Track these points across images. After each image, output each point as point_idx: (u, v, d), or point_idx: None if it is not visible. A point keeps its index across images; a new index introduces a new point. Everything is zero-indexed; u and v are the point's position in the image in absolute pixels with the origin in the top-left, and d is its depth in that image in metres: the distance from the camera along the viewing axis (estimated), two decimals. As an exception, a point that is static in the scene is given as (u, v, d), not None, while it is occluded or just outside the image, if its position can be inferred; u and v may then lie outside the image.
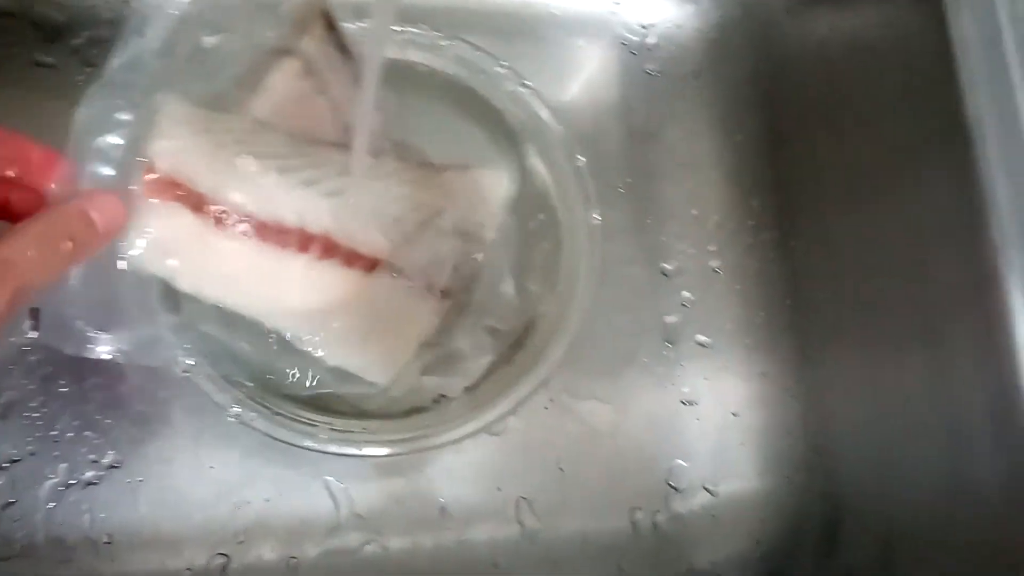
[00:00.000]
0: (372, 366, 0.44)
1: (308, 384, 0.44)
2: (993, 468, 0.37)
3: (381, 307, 0.43)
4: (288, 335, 0.43)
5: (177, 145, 0.39)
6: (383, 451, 0.43)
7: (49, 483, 0.46)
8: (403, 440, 0.43)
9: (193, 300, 0.41)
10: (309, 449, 0.42)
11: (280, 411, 0.42)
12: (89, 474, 0.46)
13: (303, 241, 0.42)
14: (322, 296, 0.42)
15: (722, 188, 0.55)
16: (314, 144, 0.44)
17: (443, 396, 0.46)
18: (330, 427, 0.43)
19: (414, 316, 0.44)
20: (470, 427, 0.45)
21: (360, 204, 0.43)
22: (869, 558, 0.44)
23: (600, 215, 0.47)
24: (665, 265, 0.54)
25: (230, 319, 0.43)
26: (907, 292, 0.43)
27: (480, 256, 0.46)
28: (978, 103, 0.39)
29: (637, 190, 0.54)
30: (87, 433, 0.46)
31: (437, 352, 0.46)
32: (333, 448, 0.42)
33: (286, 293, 0.42)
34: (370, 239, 0.43)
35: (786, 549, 0.50)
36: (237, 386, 0.43)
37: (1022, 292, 0.37)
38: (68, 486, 0.46)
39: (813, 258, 0.51)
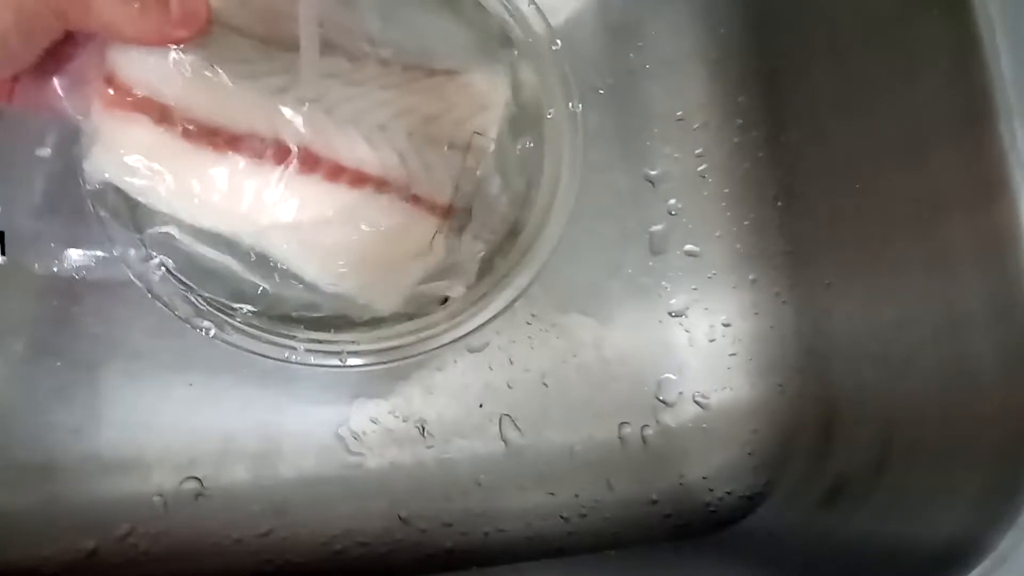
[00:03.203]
0: (371, 291, 0.41)
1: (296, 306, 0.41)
2: (994, 362, 0.35)
3: (376, 226, 0.40)
4: (274, 255, 0.39)
5: (135, 53, 0.36)
6: (361, 361, 0.41)
7: (5, 406, 0.44)
8: (383, 351, 0.41)
9: (166, 217, 0.39)
10: (288, 362, 0.40)
11: (257, 324, 0.40)
12: (48, 397, 0.44)
13: (280, 153, 0.38)
14: (307, 213, 0.39)
15: (707, 86, 0.52)
16: (284, 49, 0.40)
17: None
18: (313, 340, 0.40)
19: (414, 236, 0.41)
20: (457, 333, 0.42)
21: (339, 112, 0.39)
22: (864, 461, 0.42)
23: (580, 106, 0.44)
24: (649, 171, 0.51)
25: (206, 237, 0.39)
26: (906, 186, 0.40)
27: (482, 169, 0.43)
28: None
29: (617, 91, 0.51)
30: (44, 356, 0.44)
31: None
32: (312, 360, 0.40)
33: (266, 209, 0.38)
34: (354, 150, 0.39)
35: (779, 458, 0.49)
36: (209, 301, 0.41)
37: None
38: (26, 409, 0.44)
39: (804, 155, 0.48)
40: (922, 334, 0.39)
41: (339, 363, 0.39)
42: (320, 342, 0.40)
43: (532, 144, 0.45)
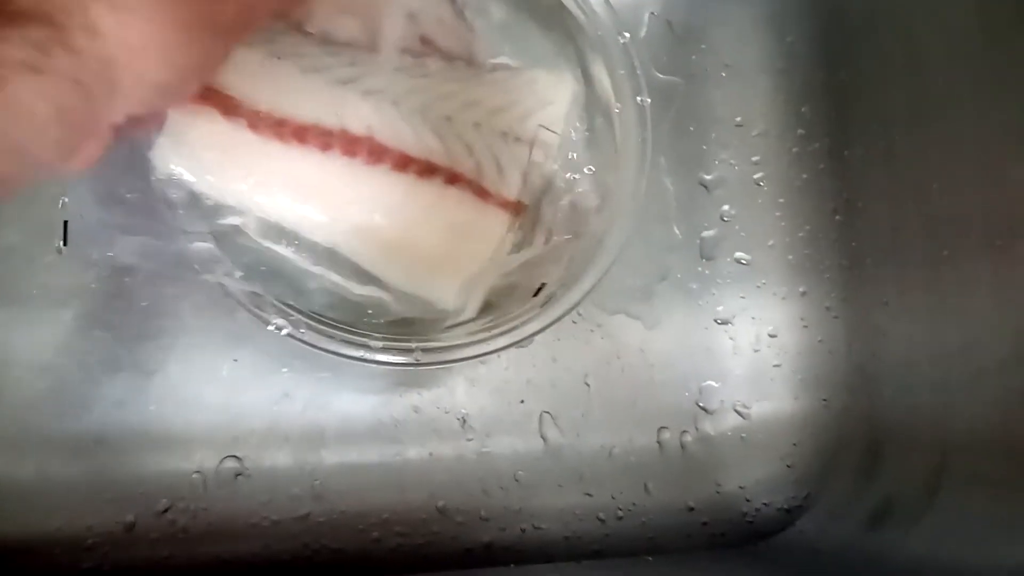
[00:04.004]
0: (448, 294, 0.40)
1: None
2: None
3: (447, 220, 0.40)
4: (343, 250, 0.39)
5: None
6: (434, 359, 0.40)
7: (55, 376, 0.44)
8: (455, 347, 0.41)
9: (232, 209, 0.39)
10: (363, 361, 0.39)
11: (329, 322, 0.39)
12: (95, 369, 0.44)
13: (347, 143, 0.38)
14: (376, 204, 0.39)
15: (770, 93, 0.51)
16: (347, 46, 0.40)
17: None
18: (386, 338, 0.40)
19: (486, 233, 0.41)
20: (528, 330, 0.42)
21: (404, 102, 0.39)
22: (914, 485, 0.41)
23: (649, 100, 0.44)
24: (705, 176, 0.51)
25: (273, 231, 0.40)
26: (979, 207, 0.39)
27: (550, 164, 0.43)
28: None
29: (677, 93, 0.50)
30: (93, 327, 0.44)
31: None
32: (386, 359, 0.39)
33: (334, 201, 0.38)
34: (420, 139, 0.39)
35: (820, 474, 0.48)
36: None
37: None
38: (74, 380, 0.44)
39: (868, 169, 0.47)
40: (986, 362, 0.38)
41: (414, 361, 0.39)
42: (394, 340, 0.39)
43: (599, 139, 0.44)
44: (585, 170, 0.44)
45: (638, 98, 0.43)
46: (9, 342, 0.44)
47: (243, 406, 0.45)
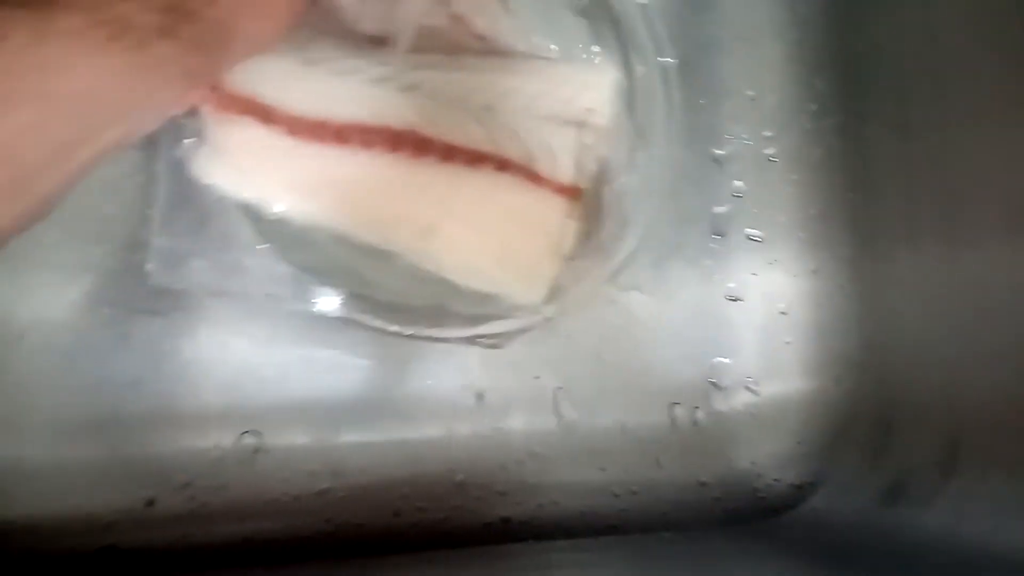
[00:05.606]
0: (514, 287, 0.40)
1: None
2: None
3: (500, 206, 0.39)
4: (398, 250, 0.39)
5: None
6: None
7: (65, 355, 0.43)
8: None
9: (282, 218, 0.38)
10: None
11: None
12: (105, 345, 0.43)
13: (389, 139, 0.37)
14: (426, 199, 0.38)
15: (783, 66, 0.51)
16: (376, 45, 0.40)
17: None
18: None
19: (544, 219, 0.40)
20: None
21: (442, 94, 0.39)
22: (928, 463, 0.42)
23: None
24: (717, 151, 0.50)
25: (324, 235, 0.39)
26: (995, 182, 0.39)
27: (603, 148, 0.42)
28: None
29: (689, 66, 0.50)
30: (104, 306, 0.43)
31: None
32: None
33: (383, 199, 0.38)
34: (464, 129, 0.38)
35: (831, 451, 0.49)
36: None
37: None
38: (86, 359, 0.43)
39: (885, 146, 0.47)
40: (1003, 343, 0.38)
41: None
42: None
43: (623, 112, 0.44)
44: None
45: (660, 58, 0.43)
46: (16, 321, 0.43)
47: (259, 382, 0.44)
